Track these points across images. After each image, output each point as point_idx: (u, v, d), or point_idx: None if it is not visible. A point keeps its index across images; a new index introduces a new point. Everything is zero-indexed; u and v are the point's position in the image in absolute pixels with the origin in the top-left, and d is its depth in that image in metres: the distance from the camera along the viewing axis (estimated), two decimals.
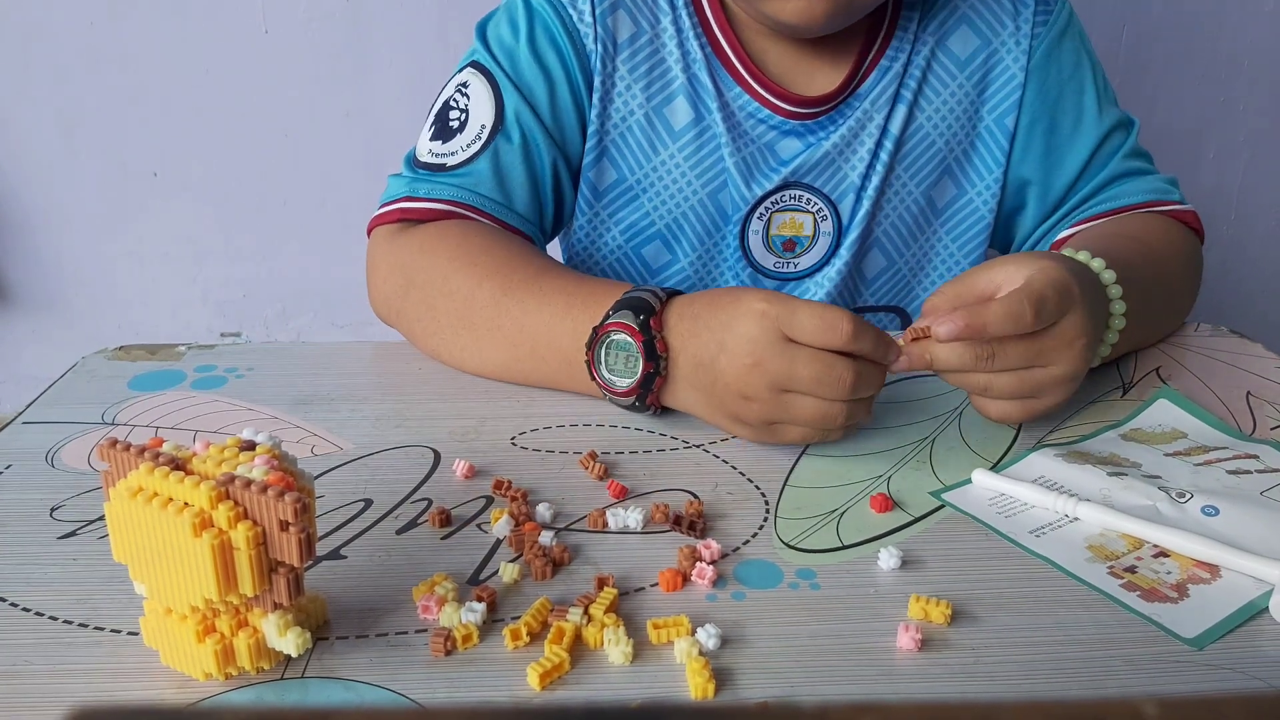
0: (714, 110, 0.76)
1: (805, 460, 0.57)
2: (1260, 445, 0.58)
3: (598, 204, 0.79)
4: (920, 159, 0.78)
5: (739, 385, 0.54)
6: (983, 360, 0.53)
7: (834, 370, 0.52)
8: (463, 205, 0.72)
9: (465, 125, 0.74)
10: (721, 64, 0.76)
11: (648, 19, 0.76)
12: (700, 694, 0.40)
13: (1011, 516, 0.52)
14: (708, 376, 0.56)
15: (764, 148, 0.77)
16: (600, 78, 0.75)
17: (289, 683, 0.40)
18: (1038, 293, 0.53)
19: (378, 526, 0.50)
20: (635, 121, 0.76)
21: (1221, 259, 1.61)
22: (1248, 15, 1.48)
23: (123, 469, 0.40)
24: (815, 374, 0.52)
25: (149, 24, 1.42)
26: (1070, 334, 0.55)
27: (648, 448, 0.58)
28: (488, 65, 0.75)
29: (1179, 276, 0.73)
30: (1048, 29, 0.77)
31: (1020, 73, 0.77)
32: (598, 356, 0.59)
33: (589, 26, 0.75)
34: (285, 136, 1.50)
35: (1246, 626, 0.44)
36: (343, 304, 1.61)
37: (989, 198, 0.80)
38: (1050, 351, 0.55)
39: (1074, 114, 0.78)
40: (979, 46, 0.77)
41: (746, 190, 0.77)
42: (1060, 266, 0.55)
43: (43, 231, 1.55)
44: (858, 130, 0.76)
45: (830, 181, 0.78)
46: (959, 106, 0.78)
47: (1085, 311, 0.55)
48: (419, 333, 0.69)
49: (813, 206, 0.78)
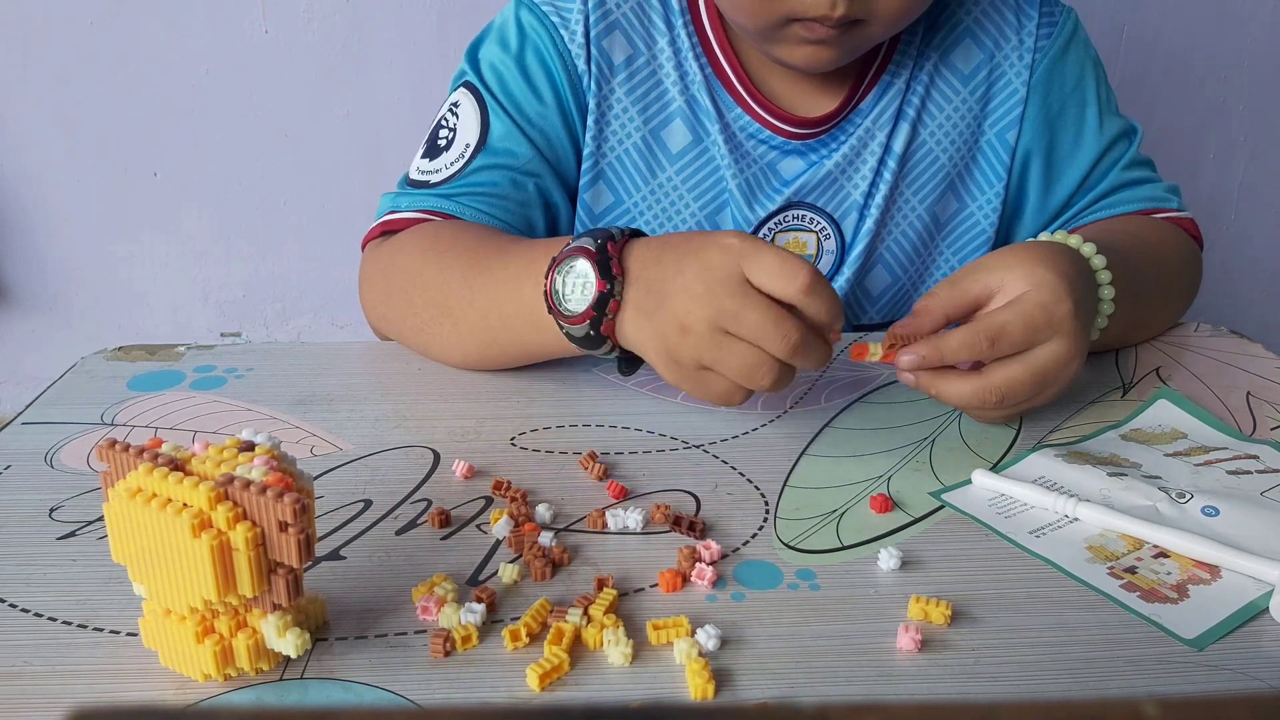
0: (714, 132, 0.76)
1: (805, 461, 0.57)
2: (1260, 445, 0.58)
3: (594, 226, 0.79)
4: (924, 175, 0.78)
5: (683, 313, 0.52)
6: (977, 402, 0.55)
7: (781, 325, 0.50)
8: (441, 214, 0.72)
9: (451, 144, 0.74)
10: (721, 84, 0.76)
11: (644, 40, 0.75)
12: (700, 695, 0.40)
13: (1011, 517, 0.52)
14: (656, 300, 0.54)
15: (766, 168, 0.77)
16: (595, 100, 0.75)
17: (288, 684, 0.40)
18: (998, 326, 0.54)
19: (377, 527, 0.50)
20: (633, 144, 0.76)
21: (1221, 259, 1.61)
22: (1248, 15, 1.48)
23: (122, 469, 0.40)
24: (761, 322, 0.50)
25: (149, 24, 1.43)
26: (1056, 365, 0.55)
27: (648, 448, 0.58)
28: (477, 86, 0.75)
29: (1173, 271, 0.73)
30: (1052, 41, 0.77)
31: (1023, 87, 0.77)
32: (555, 288, 0.56)
33: (581, 49, 0.74)
34: (285, 136, 1.50)
35: (1247, 627, 0.44)
36: (343, 304, 1.61)
37: (990, 212, 0.80)
38: (1042, 385, 0.56)
39: (1075, 128, 0.78)
40: (982, 60, 0.77)
41: (749, 211, 0.77)
42: (1055, 282, 0.55)
43: (43, 231, 1.55)
44: (860, 149, 0.76)
45: (833, 200, 0.77)
46: (961, 122, 0.77)
47: (1074, 332, 0.55)
48: (406, 332, 0.69)
49: (816, 226, 0.78)
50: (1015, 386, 0.55)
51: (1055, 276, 0.55)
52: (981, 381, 0.55)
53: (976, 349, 0.54)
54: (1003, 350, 0.54)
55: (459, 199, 0.72)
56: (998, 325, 0.54)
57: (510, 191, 0.74)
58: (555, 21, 0.74)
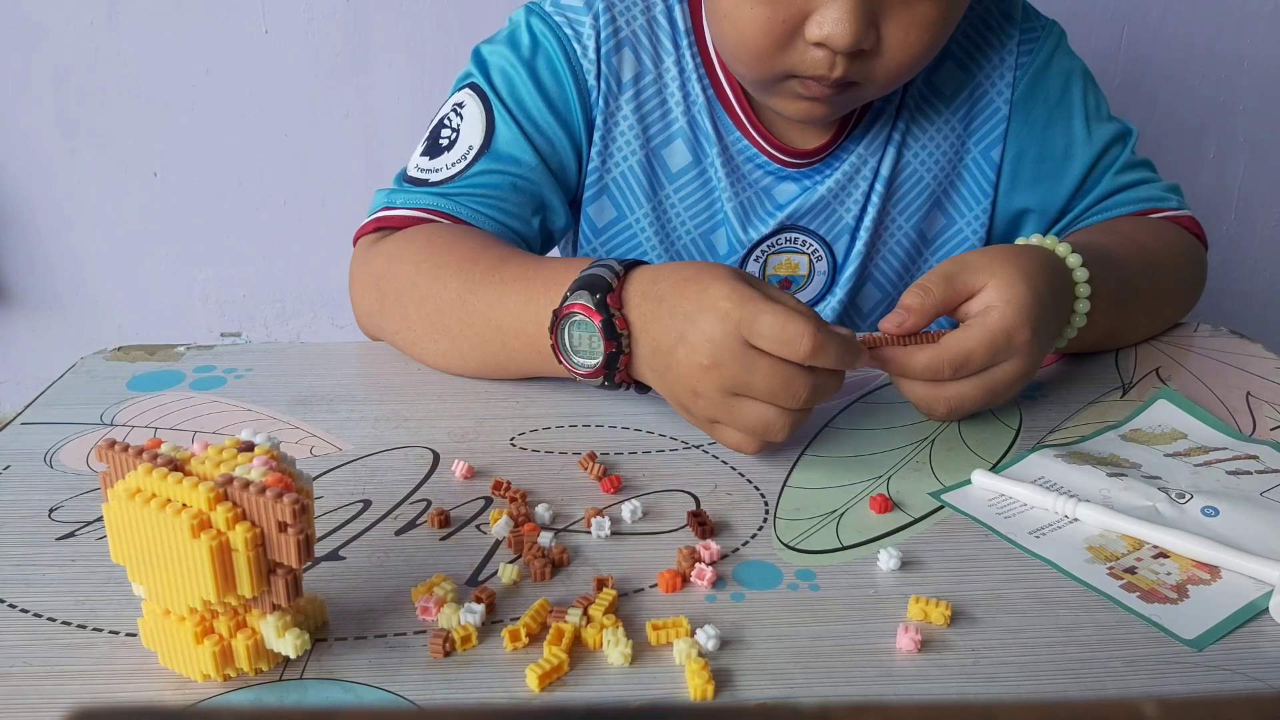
0: (712, 154, 0.76)
1: (805, 461, 0.57)
2: (1260, 446, 0.58)
3: (596, 240, 0.80)
4: (909, 195, 0.79)
5: (692, 381, 0.53)
6: (925, 406, 0.59)
7: (791, 385, 0.51)
8: (438, 213, 0.71)
9: (454, 144, 0.74)
10: (723, 108, 0.76)
11: (652, 59, 0.76)
12: (700, 695, 0.39)
13: (1011, 517, 0.52)
14: (664, 362, 0.54)
15: (761, 192, 0.77)
16: (602, 116, 0.75)
17: (288, 684, 0.40)
18: (964, 355, 0.55)
19: (376, 527, 0.50)
20: (636, 161, 0.77)
21: (1221, 259, 1.60)
22: (1248, 15, 1.48)
23: (121, 470, 0.40)
24: (771, 386, 0.51)
25: (149, 24, 1.43)
26: (1008, 382, 0.57)
27: (648, 448, 0.58)
28: (484, 88, 0.75)
29: (1169, 270, 0.73)
30: (1033, 57, 0.77)
31: (1005, 105, 0.78)
32: (561, 341, 0.57)
33: (592, 64, 0.74)
34: (285, 136, 1.50)
35: (1246, 627, 0.44)
36: (343, 304, 1.61)
37: (978, 227, 0.81)
38: (991, 399, 0.58)
39: (1064, 140, 0.78)
40: (964, 81, 0.77)
41: (743, 233, 0.77)
42: (1025, 302, 0.56)
43: (43, 231, 1.55)
44: (852, 174, 0.77)
45: (826, 224, 0.78)
46: (945, 142, 0.78)
47: (1029, 354, 0.57)
48: (401, 343, 0.69)
49: (808, 248, 0.79)
50: (965, 400, 0.57)
51: (1029, 295, 0.56)
52: (934, 390, 0.57)
53: (939, 374, 0.56)
54: (962, 375, 0.56)
55: (457, 199, 0.72)
56: (963, 354, 0.55)
57: (510, 196, 0.74)
58: (569, 34, 0.74)
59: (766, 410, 0.52)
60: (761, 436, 0.53)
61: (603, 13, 0.74)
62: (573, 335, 0.57)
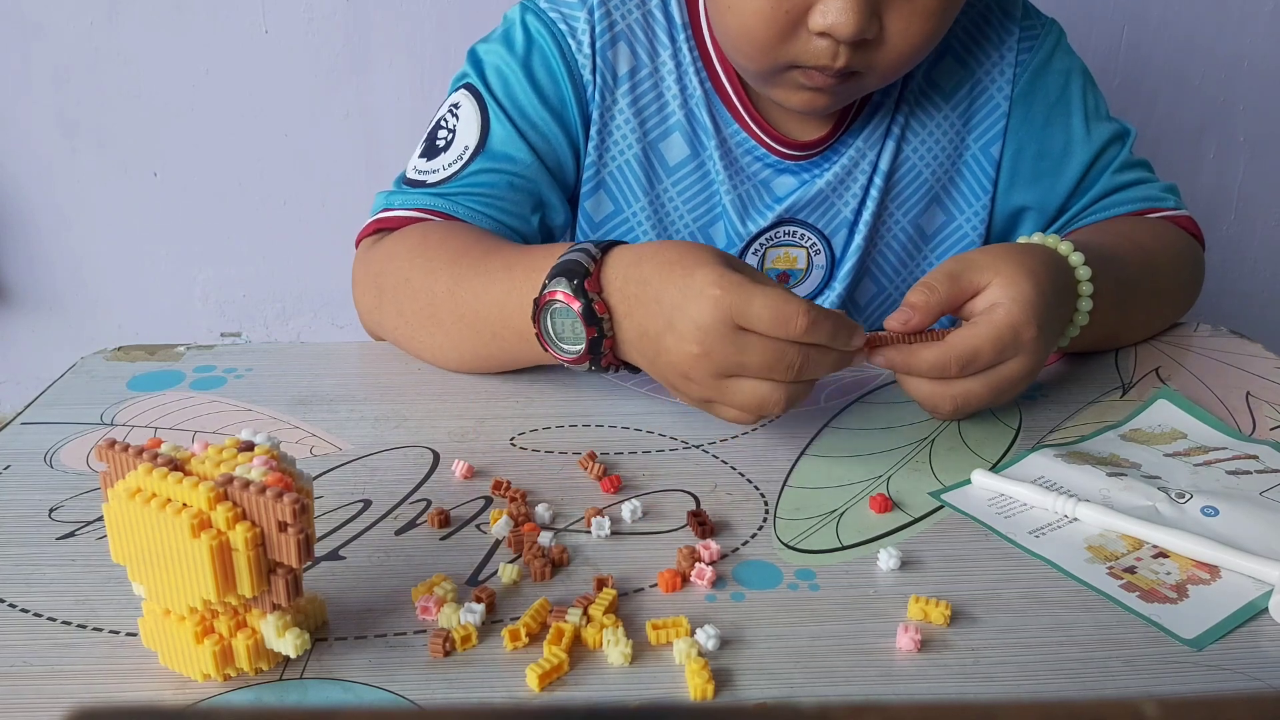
0: (710, 147, 0.76)
1: (805, 461, 0.57)
2: (1260, 445, 0.58)
3: (594, 234, 0.80)
4: (907, 190, 0.79)
5: (683, 367, 0.53)
6: (930, 404, 0.58)
7: (785, 357, 0.51)
8: (436, 214, 0.72)
9: (450, 145, 0.74)
10: (721, 101, 0.76)
11: (648, 52, 0.75)
12: (699, 695, 0.40)
13: (1011, 517, 0.52)
14: (653, 348, 0.54)
15: (760, 185, 0.77)
16: (598, 111, 0.75)
17: (288, 684, 0.40)
18: (970, 352, 0.55)
19: (377, 527, 0.50)
20: (633, 155, 0.77)
21: (1221, 259, 1.61)
22: (1248, 15, 1.48)
23: (121, 470, 0.40)
24: (764, 361, 0.51)
25: (149, 24, 1.43)
26: (1014, 380, 0.57)
27: (647, 448, 0.58)
28: (479, 88, 0.75)
29: (1167, 270, 0.73)
30: (1033, 55, 0.77)
31: (1005, 102, 0.77)
32: (545, 329, 0.57)
33: (587, 59, 0.74)
34: (285, 136, 1.50)
35: (1246, 627, 0.44)
36: (343, 304, 1.61)
37: (977, 223, 0.81)
38: (996, 396, 0.58)
39: (1062, 138, 0.78)
40: (964, 77, 0.77)
41: (741, 227, 0.77)
42: (1031, 300, 0.56)
43: (43, 231, 1.55)
44: (851, 168, 0.77)
45: (824, 218, 0.78)
46: (944, 138, 0.78)
47: (1035, 351, 0.57)
48: (400, 339, 0.69)
49: (806, 242, 0.79)
50: (971, 398, 0.57)
51: (1034, 293, 0.56)
52: (940, 388, 0.57)
53: (946, 372, 0.56)
54: (969, 372, 0.56)
55: (455, 199, 0.72)
56: (970, 351, 0.55)
57: (507, 194, 0.74)
58: (563, 29, 0.74)
59: (760, 386, 0.52)
60: (757, 412, 0.53)
61: (597, 7, 0.74)
62: (555, 322, 0.57)
